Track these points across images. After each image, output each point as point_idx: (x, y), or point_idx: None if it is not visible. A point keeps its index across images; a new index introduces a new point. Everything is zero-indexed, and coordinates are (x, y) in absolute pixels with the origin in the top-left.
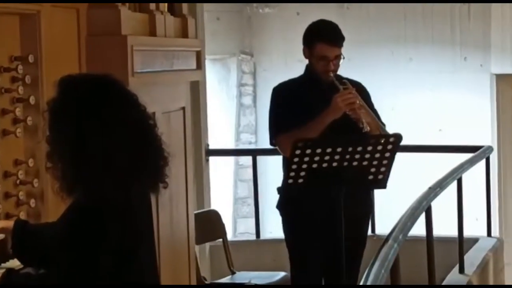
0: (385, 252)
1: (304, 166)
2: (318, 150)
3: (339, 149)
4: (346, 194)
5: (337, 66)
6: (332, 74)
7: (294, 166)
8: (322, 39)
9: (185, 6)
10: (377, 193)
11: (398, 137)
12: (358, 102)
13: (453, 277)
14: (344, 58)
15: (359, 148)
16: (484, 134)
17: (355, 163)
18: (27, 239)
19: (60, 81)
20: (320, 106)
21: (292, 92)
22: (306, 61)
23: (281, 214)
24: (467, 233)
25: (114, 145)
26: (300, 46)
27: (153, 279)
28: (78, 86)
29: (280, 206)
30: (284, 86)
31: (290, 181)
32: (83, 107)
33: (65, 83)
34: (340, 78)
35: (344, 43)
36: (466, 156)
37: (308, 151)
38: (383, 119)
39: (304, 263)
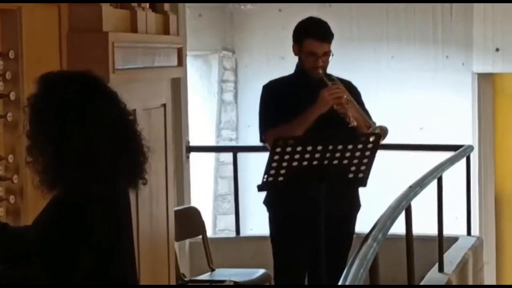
0: (364, 252)
1: (284, 164)
2: (299, 148)
3: (319, 147)
4: (333, 193)
5: (326, 62)
6: (321, 71)
7: (274, 164)
8: (311, 35)
9: (166, 3)
10: None
11: (378, 136)
12: (345, 96)
13: (433, 275)
14: (333, 55)
15: (340, 147)
16: (465, 133)
17: (335, 162)
18: (6, 241)
19: (41, 78)
20: (309, 103)
21: (282, 90)
22: (288, 58)
23: (268, 210)
24: (446, 231)
25: (96, 142)
26: (281, 43)
27: (132, 276)
28: (60, 83)
29: (268, 202)
30: (274, 83)
31: (270, 179)
32: (67, 105)
33: (47, 80)
34: (329, 76)
35: None
36: (447, 154)
37: (289, 149)
38: None
39: (290, 261)
